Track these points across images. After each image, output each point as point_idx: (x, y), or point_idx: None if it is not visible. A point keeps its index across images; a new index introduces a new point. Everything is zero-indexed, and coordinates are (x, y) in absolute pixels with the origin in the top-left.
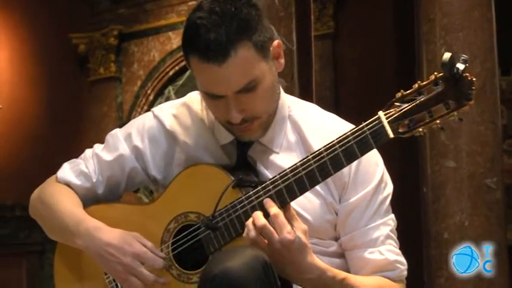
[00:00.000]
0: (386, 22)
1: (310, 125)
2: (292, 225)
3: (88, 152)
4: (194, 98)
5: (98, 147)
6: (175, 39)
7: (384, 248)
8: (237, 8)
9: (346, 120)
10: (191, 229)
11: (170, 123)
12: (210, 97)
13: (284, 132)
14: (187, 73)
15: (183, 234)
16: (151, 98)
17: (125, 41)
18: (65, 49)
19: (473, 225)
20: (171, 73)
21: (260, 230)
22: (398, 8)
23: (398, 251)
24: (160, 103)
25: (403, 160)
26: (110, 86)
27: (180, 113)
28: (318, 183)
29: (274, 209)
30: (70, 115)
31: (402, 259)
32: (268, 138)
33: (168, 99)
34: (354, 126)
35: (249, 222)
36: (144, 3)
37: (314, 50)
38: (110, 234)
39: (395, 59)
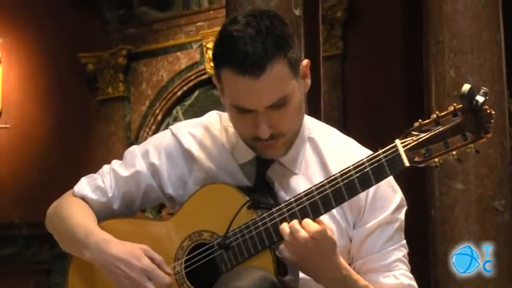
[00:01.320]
0: (395, 43)
1: (329, 148)
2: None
3: (105, 167)
4: (213, 118)
5: (115, 163)
6: (183, 59)
7: (398, 272)
8: (273, 24)
9: (355, 140)
10: (204, 248)
11: (188, 141)
12: (239, 111)
13: (303, 154)
14: (196, 93)
15: (197, 252)
16: (159, 117)
17: (133, 60)
18: (73, 68)
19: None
20: (179, 93)
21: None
22: (407, 29)
23: (411, 275)
24: (168, 123)
25: (411, 182)
26: (118, 105)
27: (198, 132)
28: (332, 208)
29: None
30: (78, 134)
31: (415, 284)
32: (288, 158)
33: (176, 119)
34: (371, 152)
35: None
36: (153, 23)
37: (322, 71)
38: (118, 247)
39: (403, 80)
